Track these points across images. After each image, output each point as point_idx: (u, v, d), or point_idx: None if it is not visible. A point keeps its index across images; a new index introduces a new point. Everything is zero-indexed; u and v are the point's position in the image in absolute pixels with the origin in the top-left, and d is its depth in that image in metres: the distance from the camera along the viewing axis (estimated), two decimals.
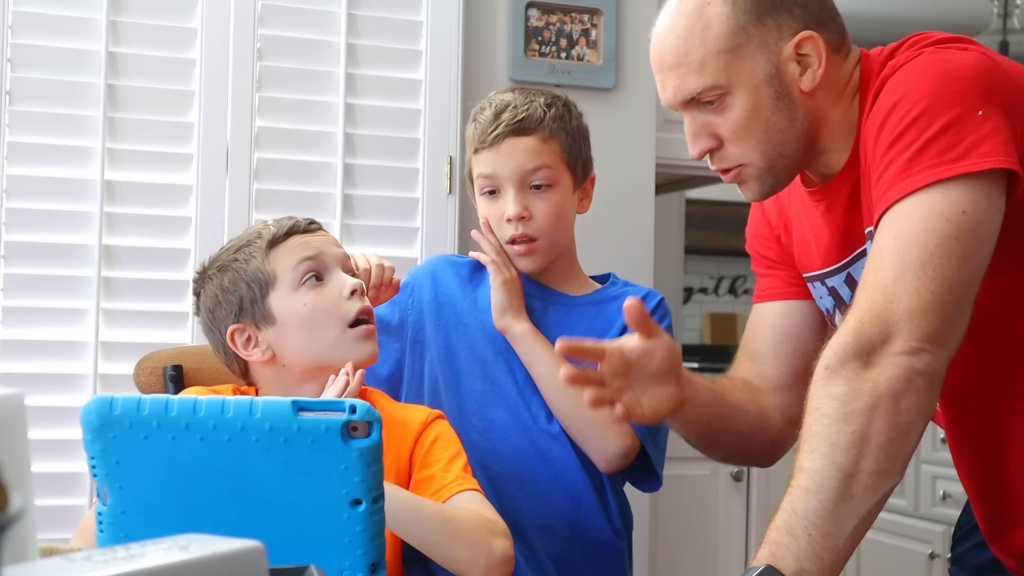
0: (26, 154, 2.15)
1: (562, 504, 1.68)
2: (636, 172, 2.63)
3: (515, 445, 1.69)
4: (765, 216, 1.65)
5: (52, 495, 2.07)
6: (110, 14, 2.21)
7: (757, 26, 1.39)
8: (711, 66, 1.39)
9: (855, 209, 1.44)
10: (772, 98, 1.40)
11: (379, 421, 1.05)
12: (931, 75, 1.31)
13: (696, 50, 1.39)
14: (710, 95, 1.40)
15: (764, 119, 1.40)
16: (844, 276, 1.50)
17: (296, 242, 1.58)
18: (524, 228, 1.69)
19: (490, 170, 1.70)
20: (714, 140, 1.43)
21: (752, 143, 1.41)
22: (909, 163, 1.26)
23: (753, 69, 1.39)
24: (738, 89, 1.39)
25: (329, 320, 1.54)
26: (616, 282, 1.81)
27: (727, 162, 1.43)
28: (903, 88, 1.31)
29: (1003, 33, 4.29)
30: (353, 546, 1.06)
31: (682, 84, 1.41)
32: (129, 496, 1.09)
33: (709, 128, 1.42)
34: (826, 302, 1.56)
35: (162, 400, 1.07)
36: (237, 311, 1.57)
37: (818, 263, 1.53)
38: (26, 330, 2.14)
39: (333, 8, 2.36)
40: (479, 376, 1.72)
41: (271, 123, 2.31)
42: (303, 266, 1.56)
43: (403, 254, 2.35)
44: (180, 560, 0.74)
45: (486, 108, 1.73)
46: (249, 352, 1.58)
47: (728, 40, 1.39)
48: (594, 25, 2.59)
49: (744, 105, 1.40)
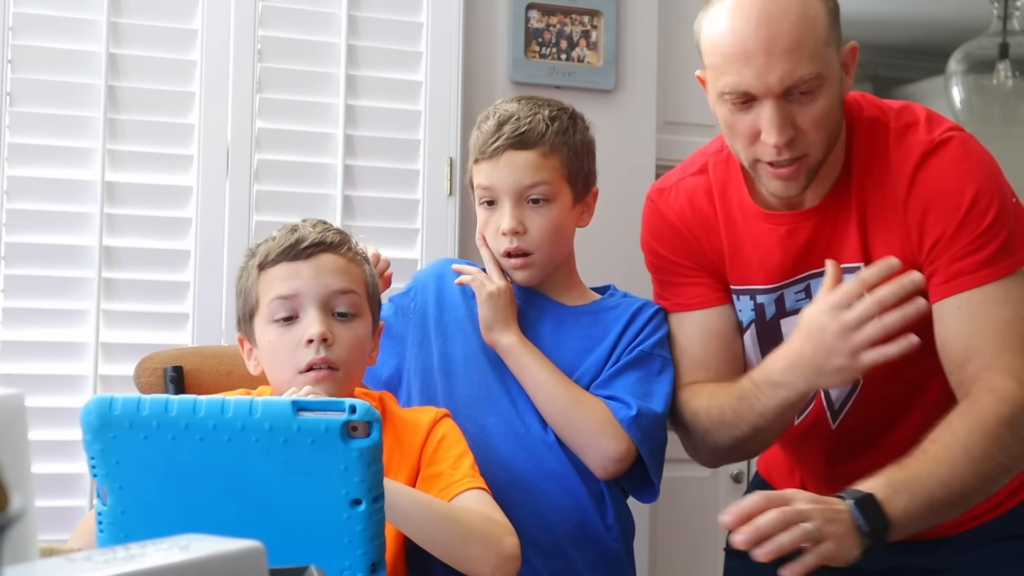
0: (26, 155, 2.15)
1: (559, 513, 1.67)
2: (636, 173, 2.63)
3: (508, 453, 1.67)
4: (673, 228, 1.72)
5: (52, 496, 2.07)
6: (111, 15, 2.21)
7: (836, 28, 1.51)
8: (820, 54, 1.47)
9: (818, 241, 1.59)
10: (840, 96, 1.53)
11: (379, 421, 1.05)
12: (990, 169, 1.57)
13: (810, 38, 1.46)
14: (811, 85, 1.48)
15: (836, 115, 1.52)
16: (777, 296, 1.63)
17: (280, 273, 1.53)
18: (519, 242, 1.68)
19: (488, 182, 1.69)
20: (794, 130, 1.50)
21: (823, 135, 1.51)
22: (999, 253, 1.52)
23: (835, 66, 1.51)
24: (829, 81, 1.49)
25: (285, 363, 1.52)
26: (615, 293, 1.80)
27: (797, 151, 1.50)
28: (976, 185, 1.53)
29: (1003, 35, 4.29)
30: (353, 546, 1.06)
31: (793, 69, 1.46)
32: (129, 496, 1.09)
33: (792, 118, 1.49)
34: (744, 315, 1.68)
35: (162, 400, 1.07)
36: (238, 319, 1.60)
37: (759, 279, 1.64)
38: (26, 331, 2.14)
39: (333, 10, 2.37)
40: (475, 383, 1.71)
41: (271, 124, 2.31)
42: (275, 304, 1.53)
43: (403, 255, 2.35)
44: (180, 560, 0.75)
45: (490, 117, 1.71)
46: (248, 361, 1.59)
47: (828, 33, 1.49)
48: (594, 27, 2.59)
49: (829, 98, 1.49)
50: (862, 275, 1.49)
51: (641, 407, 1.65)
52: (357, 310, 1.55)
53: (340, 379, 1.49)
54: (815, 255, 1.60)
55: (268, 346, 1.53)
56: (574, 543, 1.67)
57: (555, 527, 1.66)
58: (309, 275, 1.52)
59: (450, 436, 1.58)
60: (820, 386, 1.57)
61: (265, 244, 1.57)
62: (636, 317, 1.73)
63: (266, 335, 1.53)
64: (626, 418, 1.64)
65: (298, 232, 1.55)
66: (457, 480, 1.51)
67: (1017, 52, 4.27)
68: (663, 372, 1.70)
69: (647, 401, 1.66)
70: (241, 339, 1.60)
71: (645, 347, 1.70)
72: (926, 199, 1.54)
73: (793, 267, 1.63)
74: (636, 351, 1.70)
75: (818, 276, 1.60)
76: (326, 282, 1.52)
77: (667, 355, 1.72)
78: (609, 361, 1.70)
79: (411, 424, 1.58)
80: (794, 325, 1.61)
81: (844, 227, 1.59)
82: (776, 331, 1.67)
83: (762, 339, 1.69)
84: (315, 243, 1.54)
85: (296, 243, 1.53)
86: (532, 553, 1.63)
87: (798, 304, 1.63)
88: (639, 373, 1.68)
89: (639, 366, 1.69)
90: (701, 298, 1.72)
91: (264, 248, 1.56)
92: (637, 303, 1.76)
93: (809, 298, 1.62)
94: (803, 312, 1.55)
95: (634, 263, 2.58)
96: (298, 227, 1.57)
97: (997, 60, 4.29)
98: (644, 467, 1.67)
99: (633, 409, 1.64)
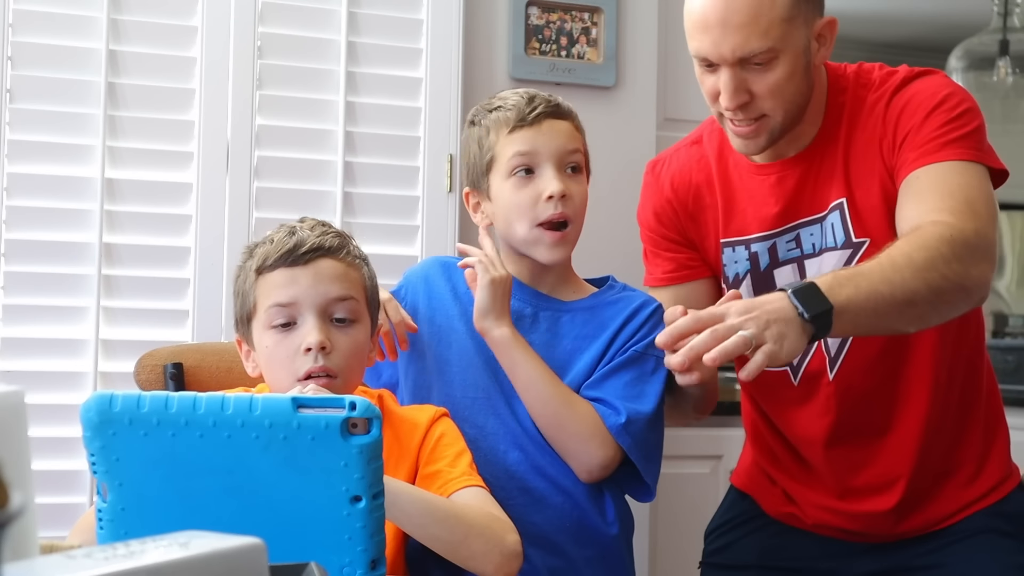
0: (26, 152, 2.15)
1: (557, 511, 1.66)
2: (636, 171, 2.63)
3: (506, 453, 1.67)
4: (666, 198, 1.82)
5: (52, 493, 2.07)
6: (110, 12, 2.21)
7: (805, 4, 1.60)
8: (774, 31, 1.57)
9: (806, 186, 1.69)
10: (803, 68, 1.62)
11: (379, 418, 1.05)
12: (969, 95, 1.66)
13: (765, 14, 1.56)
14: (763, 57, 1.58)
15: (795, 84, 1.61)
16: (771, 244, 1.72)
17: (278, 279, 1.51)
18: (563, 207, 1.66)
19: (531, 147, 1.66)
20: (748, 95, 1.60)
21: (780, 102, 1.61)
22: (962, 139, 1.59)
23: (797, 40, 1.60)
24: (785, 55, 1.59)
25: (282, 370, 1.51)
26: (614, 286, 1.78)
27: (753, 113, 1.62)
28: (951, 89, 1.64)
29: (1003, 32, 4.29)
30: (353, 543, 1.06)
31: (745, 43, 1.57)
32: (129, 493, 1.09)
33: (746, 84, 1.60)
34: (739, 267, 1.76)
35: (162, 397, 1.07)
36: (235, 321, 1.59)
37: (754, 227, 1.73)
38: (26, 328, 2.14)
39: (333, 6, 2.36)
40: (471, 384, 1.70)
41: (271, 121, 2.31)
42: (273, 311, 1.51)
43: (403, 252, 2.35)
44: (180, 557, 0.75)
45: (508, 98, 1.71)
46: (246, 363, 1.58)
47: (789, 11, 1.58)
48: (594, 23, 2.59)
49: (785, 69, 1.59)
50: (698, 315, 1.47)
51: (630, 412, 1.63)
52: (356, 316, 1.53)
53: (338, 386, 1.48)
54: (803, 201, 1.70)
55: (266, 352, 1.52)
56: (573, 540, 1.66)
57: (553, 524, 1.66)
58: (307, 282, 1.50)
59: (448, 435, 1.57)
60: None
61: (263, 247, 1.54)
62: (634, 316, 1.72)
63: (264, 341, 1.52)
64: (615, 425, 1.63)
65: (296, 235, 1.53)
66: (455, 477, 1.51)
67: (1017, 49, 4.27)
68: (656, 372, 1.68)
69: (637, 403, 1.65)
70: (239, 340, 1.59)
71: (639, 347, 1.69)
72: (901, 106, 1.64)
73: (784, 214, 1.71)
74: (630, 351, 1.69)
75: (807, 224, 1.69)
76: (324, 289, 1.51)
77: (662, 354, 1.71)
78: (603, 359, 1.69)
79: (410, 423, 1.58)
80: (786, 277, 1.71)
81: (829, 170, 1.68)
82: (770, 281, 1.72)
83: (757, 290, 1.73)
84: (313, 248, 1.52)
85: (295, 248, 1.51)
86: (531, 550, 1.62)
87: (790, 254, 1.71)
88: (631, 374, 1.68)
89: (632, 367, 1.68)
90: (681, 273, 1.82)
91: (262, 251, 1.54)
92: (635, 301, 1.74)
93: (799, 248, 1.71)
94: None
95: (633, 259, 2.58)
96: (296, 229, 1.54)
97: (997, 57, 4.29)
98: (636, 468, 1.66)
99: (622, 416, 1.63)
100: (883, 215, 1.63)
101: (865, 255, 1.61)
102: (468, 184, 1.76)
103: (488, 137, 1.70)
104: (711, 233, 1.79)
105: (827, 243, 1.68)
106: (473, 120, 1.75)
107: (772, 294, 1.40)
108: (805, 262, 1.70)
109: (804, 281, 1.41)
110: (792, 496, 1.81)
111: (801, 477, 1.79)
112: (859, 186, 1.66)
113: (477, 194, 1.74)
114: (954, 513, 1.71)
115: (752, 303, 1.38)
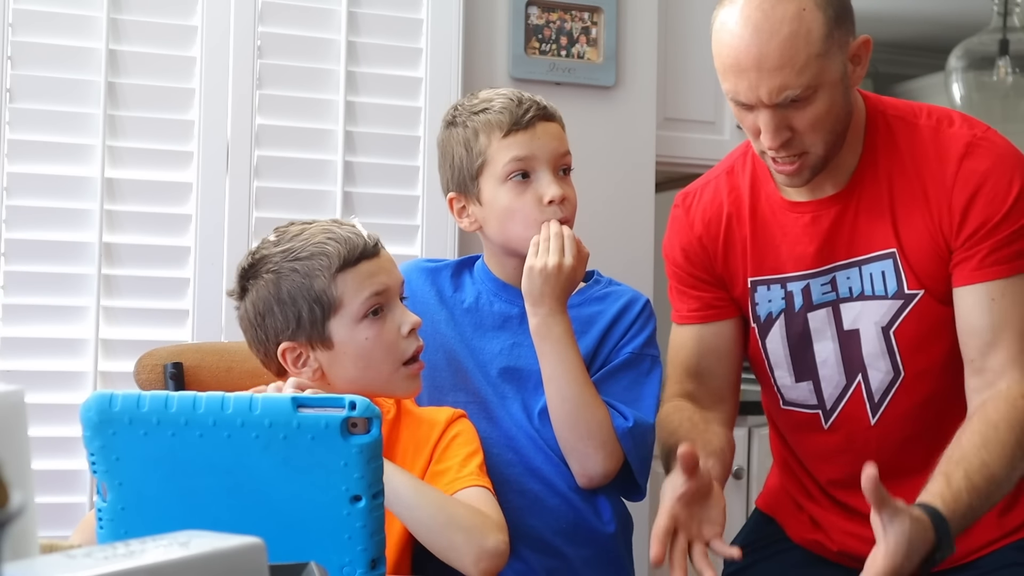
0: (26, 152, 2.15)
1: (553, 512, 1.65)
2: (636, 170, 2.63)
3: (500, 456, 1.66)
4: (696, 236, 1.75)
5: (52, 492, 2.07)
6: (110, 12, 2.21)
7: (838, 30, 1.53)
8: (811, 69, 1.50)
9: (843, 228, 1.63)
10: (843, 94, 1.56)
11: (379, 417, 1.05)
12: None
13: (800, 53, 1.50)
14: (805, 93, 1.52)
15: (835, 113, 1.56)
16: (804, 286, 1.66)
17: (365, 270, 1.53)
18: (563, 212, 1.65)
19: (527, 152, 1.64)
20: (790, 132, 1.55)
21: (822, 134, 1.56)
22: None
23: (834, 70, 1.53)
24: (824, 88, 1.53)
25: (387, 357, 1.53)
26: (600, 280, 1.77)
27: (795, 149, 1.56)
28: (1022, 180, 1.58)
29: (1003, 31, 4.29)
30: (353, 542, 1.06)
31: (783, 84, 1.50)
32: (129, 492, 1.09)
33: (787, 121, 1.54)
34: (774, 305, 1.70)
35: (162, 396, 1.07)
36: (294, 327, 1.53)
37: (789, 266, 1.67)
38: (26, 327, 2.14)
39: (333, 6, 2.36)
40: (461, 388, 1.69)
41: (271, 121, 2.31)
42: (371, 301, 1.52)
43: (403, 252, 2.35)
44: (180, 557, 0.75)
45: (493, 99, 1.68)
46: (298, 369, 1.55)
47: (822, 45, 1.51)
48: (594, 23, 2.59)
49: (825, 102, 1.53)
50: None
51: (637, 419, 1.63)
52: None
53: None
54: (840, 244, 1.64)
55: (365, 344, 1.52)
56: (569, 541, 1.66)
57: (549, 526, 1.65)
58: (390, 270, 1.57)
59: (463, 435, 1.58)
60: None
61: (334, 245, 1.53)
62: (625, 312, 1.71)
63: (360, 334, 1.52)
64: (622, 428, 1.63)
65: (354, 230, 1.56)
66: (462, 477, 1.51)
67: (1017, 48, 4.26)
68: (652, 372, 1.68)
69: (640, 410, 1.65)
70: (287, 349, 1.54)
71: (635, 348, 1.68)
72: (975, 186, 1.57)
73: (819, 256, 1.65)
74: (626, 354, 1.68)
75: (843, 268, 1.64)
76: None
77: (655, 352, 1.71)
78: (597, 357, 1.68)
79: (428, 422, 1.59)
80: (820, 321, 1.65)
81: (869, 216, 1.62)
82: (804, 324, 1.68)
83: (790, 331, 1.69)
84: (376, 245, 1.56)
85: (366, 245, 1.54)
86: (528, 552, 1.62)
87: (824, 297, 1.66)
88: (629, 377, 1.67)
89: (629, 368, 1.68)
90: (705, 313, 1.76)
91: (337, 251, 1.53)
92: (624, 297, 1.73)
93: (835, 291, 1.65)
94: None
95: (633, 257, 2.59)
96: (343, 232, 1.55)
97: (997, 56, 4.29)
98: (631, 471, 1.66)
99: (630, 421, 1.63)
100: (935, 267, 1.60)
101: (918, 306, 1.60)
102: (453, 187, 1.71)
103: (478, 140, 1.67)
104: (739, 270, 1.73)
105: (868, 290, 1.63)
106: (454, 121, 1.70)
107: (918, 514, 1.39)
108: (841, 306, 1.65)
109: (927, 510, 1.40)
110: (819, 522, 1.78)
111: (829, 506, 1.77)
112: (909, 236, 1.60)
113: (464, 198, 1.70)
114: (983, 547, 1.67)
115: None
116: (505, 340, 1.70)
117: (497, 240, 1.70)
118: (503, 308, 1.70)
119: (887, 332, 1.63)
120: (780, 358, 1.71)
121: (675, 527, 1.50)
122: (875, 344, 1.64)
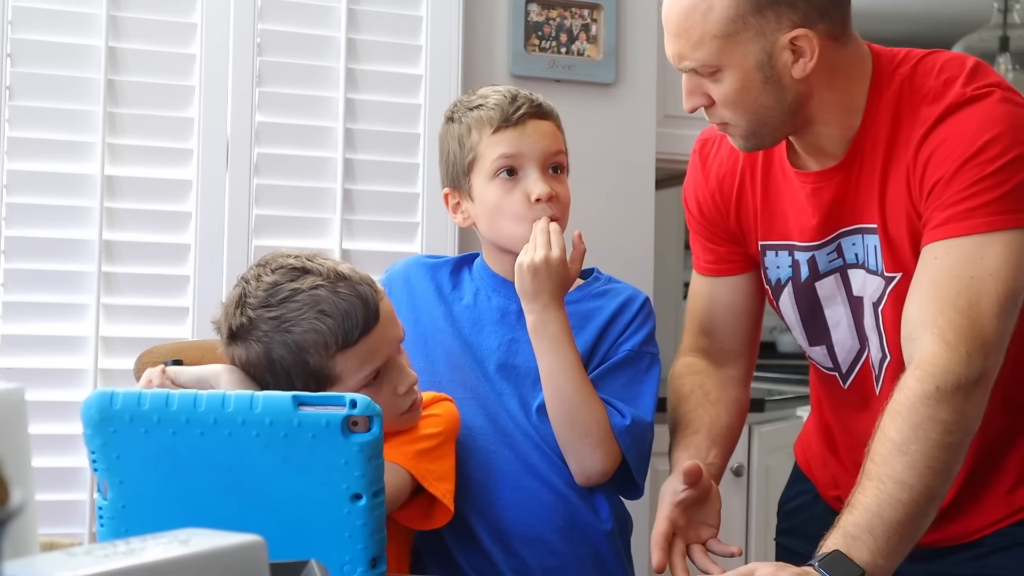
0: (26, 149, 2.15)
1: (549, 509, 1.64)
2: (636, 167, 2.63)
3: (496, 452, 1.66)
4: (710, 191, 1.73)
5: (52, 490, 2.07)
6: (110, 9, 2.20)
7: (756, 17, 1.47)
8: (705, 47, 1.48)
9: (844, 199, 1.57)
10: (761, 82, 1.50)
11: (379, 416, 1.05)
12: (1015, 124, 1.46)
13: (695, 28, 1.48)
14: (704, 70, 1.51)
15: (752, 97, 1.51)
16: (810, 257, 1.62)
17: (365, 350, 1.45)
18: (552, 209, 1.65)
19: (515, 149, 1.64)
20: (706, 99, 1.54)
21: (739, 112, 1.52)
22: (993, 202, 1.43)
23: (745, 55, 1.48)
24: (729, 70, 1.49)
25: (384, 414, 1.50)
26: (599, 278, 1.76)
27: (716, 118, 1.56)
28: (995, 131, 1.44)
29: (1003, 28, 4.29)
30: (353, 541, 1.06)
31: (679, 52, 1.51)
32: (129, 490, 1.09)
33: (702, 89, 1.53)
34: (782, 272, 1.68)
35: (162, 394, 1.08)
36: (302, 384, 1.45)
37: (795, 235, 1.64)
38: (26, 325, 2.14)
39: (333, 3, 2.36)
40: (459, 384, 1.68)
41: (271, 118, 2.31)
42: (371, 375, 1.46)
43: (403, 249, 2.35)
44: (180, 554, 0.75)
45: (489, 96, 1.68)
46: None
47: (724, 27, 1.47)
48: (594, 20, 2.59)
49: (733, 84, 1.50)
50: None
51: (635, 416, 1.63)
52: None
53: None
54: (843, 214, 1.58)
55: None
56: (566, 539, 1.65)
57: (546, 524, 1.64)
58: (391, 336, 1.54)
59: (435, 418, 1.56)
60: None
61: (330, 324, 1.46)
62: (623, 310, 1.70)
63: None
64: (620, 426, 1.62)
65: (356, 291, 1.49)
66: (400, 452, 1.48)
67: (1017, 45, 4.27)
68: (651, 370, 1.68)
69: (638, 408, 1.65)
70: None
71: (634, 346, 1.68)
72: (935, 144, 1.47)
73: (823, 226, 1.60)
74: (625, 351, 1.67)
75: (848, 234, 1.58)
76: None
77: (655, 350, 1.70)
78: (595, 353, 1.68)
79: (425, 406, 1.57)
80: (829, 288, 1.62)
81: (867, 187, 1.55)
82: (812, 294, 1.65)
83: (799, 300, 1.67)
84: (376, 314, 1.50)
85: (367, 319, 1.49)
86: (524, 550, 1.62)
87: (831, 265, 1.62)
88: (628, 374, 1.67)
89: (628, 366, 1.67)
90: (722, 266, 1.75)
91: (336, 332, 1.45)
92: (623, 293, 1.72)
93: (841, 258, 1.60)
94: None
95: (633, 254, 2.59)
96: (340, 303, 1.50)
97: (997, 53, 4.29)
98: (628, 469, 1.66)
99: (628, 419, 1.62)
100: (911, 250, 1.52)
101: (896, 289, 1.53)
102: (448, 183, 1.72)
103: (470, 136, 1.67)
104: (751, 231, 1.70)
105: (863, 260, 1.59)
106: (452, 117, 1.71)
107: (803, 568, 1.33)
108: (848, 272, 1.61)
109: (828, 551, 1.34)
110: (839, 483, 1.75)
111: (849, 466, 1.72)
112: (891, 216, 1.53)
113: (457, 194, 1.71)
114: (995, 522, 1.64)
115: (781, 565, 1.33)
116: (503, 336, 1.69)
117: (488, 236, 1.71)
118: (501, 303, 1.70)
119: (876, 309, 1.59)
120: (793, 322, 1.69)
121: (673, 532, 1.50)
122: (871, 319, 1.60)
